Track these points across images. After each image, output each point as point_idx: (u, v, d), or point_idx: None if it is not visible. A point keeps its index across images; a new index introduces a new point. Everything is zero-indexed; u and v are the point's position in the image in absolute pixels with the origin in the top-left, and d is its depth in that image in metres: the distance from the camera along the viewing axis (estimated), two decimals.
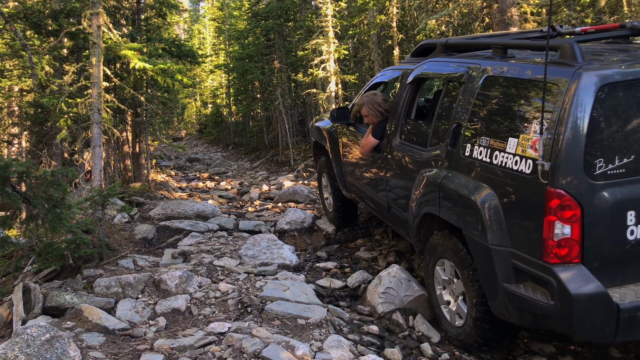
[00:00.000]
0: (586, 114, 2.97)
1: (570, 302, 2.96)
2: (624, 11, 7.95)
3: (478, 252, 3.53)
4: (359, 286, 5.00)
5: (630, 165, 3.04)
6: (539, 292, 3.13)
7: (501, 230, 3.33)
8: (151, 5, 11.13)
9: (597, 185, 3.02)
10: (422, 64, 4.81)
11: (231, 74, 22.47)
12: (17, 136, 11.08)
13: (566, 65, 3.14)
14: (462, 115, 3.85)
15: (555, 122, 3.03)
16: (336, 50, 13.32)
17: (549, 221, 3.02)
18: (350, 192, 6.12)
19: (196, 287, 4.64)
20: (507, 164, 3.31)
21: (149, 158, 10.97)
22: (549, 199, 3.01)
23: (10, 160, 4.30)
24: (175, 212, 7.52)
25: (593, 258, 3.05)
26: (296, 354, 3.43)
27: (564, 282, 2.97)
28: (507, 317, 3.45)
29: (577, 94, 2.98)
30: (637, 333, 3.07)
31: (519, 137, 3.27)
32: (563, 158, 2.98)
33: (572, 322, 3.00)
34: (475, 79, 3.83)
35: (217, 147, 22.13)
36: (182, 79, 7.84)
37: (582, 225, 3.01)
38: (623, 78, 3.05)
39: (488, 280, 3.48)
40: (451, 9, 8.63)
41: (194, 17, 37.65)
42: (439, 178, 3.94)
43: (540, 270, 3.10)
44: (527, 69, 3.44)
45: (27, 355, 2.94)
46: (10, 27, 6.31)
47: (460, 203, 3.67)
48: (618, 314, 2.96)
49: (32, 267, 4.90)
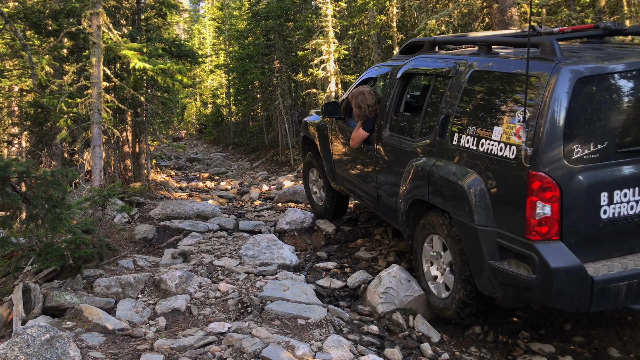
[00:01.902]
0: (565, 104, 3.27)
1: (550, 275, 3.25)
2: (624, 11, 7.96)
3: (465, 233, 3.80)
4: (359, 286, 5.00)
5: (603, 150, 3.33)
6: (522, 267, 3.42)
7: (487, 212, 3.62)
8: (151, 5, 11.13)
9: (575, 169, 3.31)
10: (411, 60, 5.06)
11: (231, 74, 22.46)
12: (17, 136, 11.08)
13: (546, 60, 3.43)
14: (450, 107, 4.12)
15: (536, 112, 3.32)
16: (336, 50, 13.32)
17: (531, 201, 3.31)
18: (340, 185, 6.33)
19: (196, 287, 4.64)
20: (493, 150, 3.61)
21: (149, 158, 10.97)
22: (531, 181, 3.30)
23: (10, 160, 4.30)
24: (175, 212, 7.52)
25: (571, 235, 3.34)
26: (296, 354, 3.43)
27: (545, 257, 3.27)
28: (492, 293, 3.73)
29: (557, 86, 3.27)
30: (609, 303, 3.37)
31: (503, 125, 3.57)
32: (544, 144, 3.27)
33: (551, 294, 3.29)
34: (462, 73, 4.12)
35: (217, 147, 22.13)
36: (182, 79, 7.83)
37: (561, 205, 3.30)
38: (597, 72, 3.35)
39: (474, 259, 3.75)
40: (451, 9, 8.63)
41: (194, 17, 37.64)
42: (428, 166, 4.22)
43: (523, 247, 3.39)
44: (510, 63, 3.76)
45: (27, 355, 2.94)
46: (10, 27, 6.31)
47: (449, 188, 3.94)
48: (592, 285, 3.25)
49: (32, 267, 4.89)
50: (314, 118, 6.97)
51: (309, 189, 7.36)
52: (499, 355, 4.09)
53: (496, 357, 4.07)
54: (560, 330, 4.48)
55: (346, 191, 6.31)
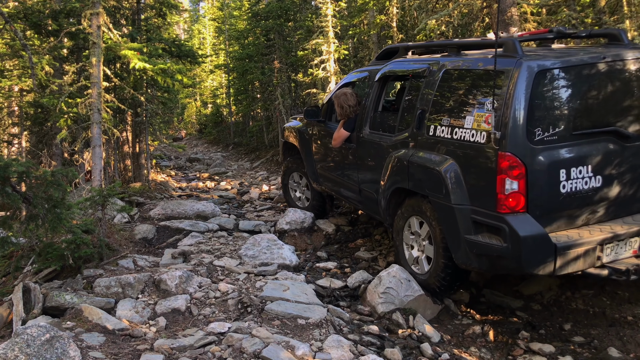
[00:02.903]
0: (526, 93, 3.77)
1: (519, 243, 3.70)
2: (624, 11, 7.95)
3: (443, 212, 4.26)
4: (359, 286, 5.00)
5: (560, 133, 3.86)
6: (494, 238, 3.88)
7: (462, 192, 4.10)
8: (151, 5, 11.11)
9: (537, 149, 3.80)
10: (387, 64, 5.59)
11: (231, 74, 22.42)
12: (17, 136, 11.07)
13: (510, 57, 3.96)
14: (426, 102, 4.63)
15: (503, 100, 3.82)
16: (336, 50, 13.32)
17: (501, 179, 3.78)
18: (321, 185, 6.77)
19: (196, 287, 4.64)
20: (465, 137, 4.11)
21: (149, 158, 10.95)
22: (500, 161, 3.77)
23: (10, 160, 4.29)
24: (175, 212, 7.52)
25: (536, 208, 3.81)
26: (296, 354, 3.43)
27: (514, 227, 3.72)
28: (468, 265, 4.18)
29: (519, 79, 3.78)
30: (570, 268, 3.82)
31: (474, 115, 4.07)
32: (510, 128, 3.75)
33: (521, 260, 3.74)
34: (435, 72, 4.64)
35: (217, 147, 22.10)
36: (182, 79, 7.82)
37: (526, 182, 3.77)
38: (553, 66, 3.88)
39: (452, 235, 4.21)
40: (451, 9, 8.62)
41: (194, 17, 37.59)
42: (407, 157, 4.69)
43: (494, 220, 3.86)
44: (479, 61, 4.28)
45: (27, 355, 2.94)
46: (10, 27, 6.30)
47: (427, 174, 4.42)
48: (556, 251, 3.71)
49: (32, 267, 4.89)
50: (294, 123, 7.37)
51: (289, 192, 7.69)
52: (499, 355, 4.10)
53: (496, 357, 4.07)
54: (560, 330, 4.48)
55: (328, 191, 6.71)
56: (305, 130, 6.92)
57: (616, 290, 4.98)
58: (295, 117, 7.81)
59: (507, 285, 5.33)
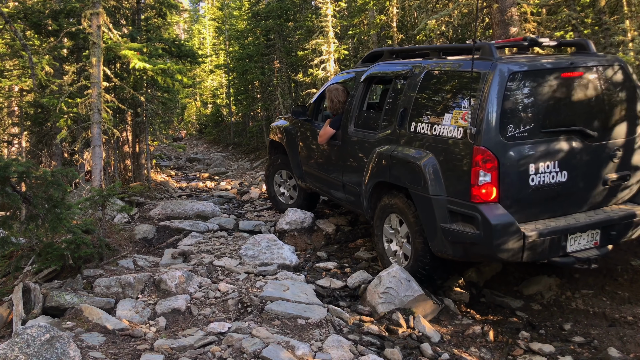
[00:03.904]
0: (500, 93, 4.09)
1: (491, 230, 3.99)
2: (624, 11, 7.94)
3: (421, 203, 4.56)
4: (359, 286, 5.00)
5: (530, 130, 4.17)
6: (468, 226, 4.17)
7: (439, 183, 4.39)
8: (151, 5, 11.11)
9: (509, 144, 4.10)
10: (373, 66, 5.90)
11: (231, 74, 22.41)
12: (17, 136, 11.07)
13: (486, 60, 4.30)
14: (408, 101, 4.94)
15: (479, 99, 4.13)
16: (336, 50, 13.32)
17: (475, 171, 4.07)
18: (306, 182, 7.02)
19: (196, 287, 4.64)
20: (444, 133, 4.43)
21: (149, 158, 10.95)
22: (475, 155, 4.07)
23: (10, 160, 4.29)
24: (175, 212, 7.52)
25: (506, 198, 4.11)
26: (296, 354, 3.43)
27: (487, 216, 4.02)
28: (443, 252, 4.46)
29: (494, 79, 4.10)
30: (536, 255, 4.13)
31: (452, 112, 4.39)
32: (485, 124, 4.05)
33: (492, 246, 4.04)
34: (417, 74, 4.97)
35: (217, 147, 22.10)
36: (182, 79, 7.82)
37: (498, 174, 4.06)
38: (524, 69, 4.23)
39: (429, 224, 4.50)
40: (451, 9, 8.62)
41: (194, 17, 37.59)
42: (390, 152, 4.97)
43: (469, 209, 4.15)
44: (458, 63, 4.62)
45: (27, 355, 2.94)
46: (10, 27, 6.30)
47: (407, 168, 4.72)
48: (524, 239, 4.02)
49: (32, 267, 4.89)
50: (281, 123, 7.61)
51: (273, 189, 7.89)
52: (499, 355, 4.10)
53: (496, 357, 4.07)
54: (560, 330, 4.49)
55: (312, 188, 6.95)
56: (292, 129, 7.16)
57: (616, 290, 4.98)
58: (281, 117, 8.11)
59: (507, 285, 5.34)
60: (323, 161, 6.44)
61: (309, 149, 6.78)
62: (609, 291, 5.00)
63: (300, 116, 6.86)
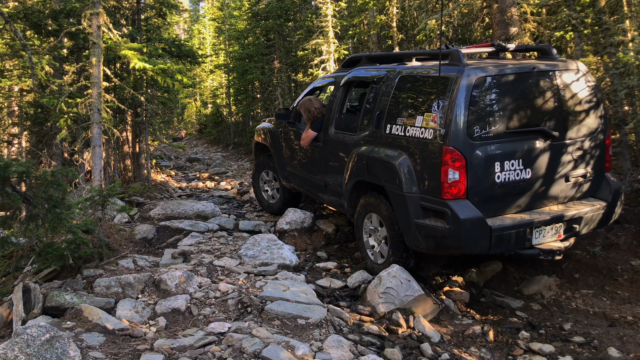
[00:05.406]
0: (467, 96, 4.37)
1: (459, 225, 4.28)
2: (624, 11, 7.93)
3: (396, 200, 4.84)
4: (359, 286, 5.00)
5: (495, 131, 4.47)
6: (439, 221, 4.45)
7: (412, 182, 4.67)
8: (151, 5, 11.10)
9: (475, 144, 4.38)
10: (351, 72, 6.15)
11: (231, 74, 22.40)
12: (17, 136, 11.06)
13: (454, 65, 4.58)
14: (384, 104, 5.20)
15: (447, 102, 4.41)
16: (336, 50, 13.32)
17: (445, 169, 4.36)
18: (290, 182, 7.20)
19: (196, 287, 4.64)
20: (416, 134, 4.70)
21: (149, 158, 10.94)
22: (445, 154, 4.36)
23: (10, 160, 4.29)
24: (175, 212, 7.51)
25: (474, 195, 4.39)
26: (296, 354, 3.43)
27: (456, 211, 4.31)
28: (417, 246, 4.74)
29: (461, 84, 4.38)
30: (502, 247, 4.44)
31: (424, 114, 4.67)
32: (453, 125, 4.34)
33: (461, 239, 4.32)
34: (392, 78, 5.23)
35: (217, 147, 22.09)
36: (182, 79, 7.82)
37: (466, 172, 4.34)
38: (489, 74, 4.52)
39: (403, 219, 4.78)
40: (451, 9, 8.62)
41: (194, 17, 37.56)
42: (367, 152, 5.24)
43: (439, 205, 4.44)
44: (429, 69, 4.91)
45: (27, 355, 2.94)
46: (10, 27, 6.30)
47: (383, 167, 4.98)
48: (491, 233, 4.31)
49: (32, 267, 4.89)
50: (266, 125, 7.77)
51: (259, 188, 8.04)
52: (499, 355, 4.10)
53: (496, 357, 4.07)
54: (560, 330, 4.49)
55: (296, 187, 7.13)
56: (276, 131, 7.34)
57: (616, 290, 4.99)
58: (265, 119, 8.30)
59: (507, 285, 5.34)
60: (306, 162, 6.65)
61: (292, 150, 6.97)
62: (609, 291, 5.00)
63: (284, 119, 7.02)
